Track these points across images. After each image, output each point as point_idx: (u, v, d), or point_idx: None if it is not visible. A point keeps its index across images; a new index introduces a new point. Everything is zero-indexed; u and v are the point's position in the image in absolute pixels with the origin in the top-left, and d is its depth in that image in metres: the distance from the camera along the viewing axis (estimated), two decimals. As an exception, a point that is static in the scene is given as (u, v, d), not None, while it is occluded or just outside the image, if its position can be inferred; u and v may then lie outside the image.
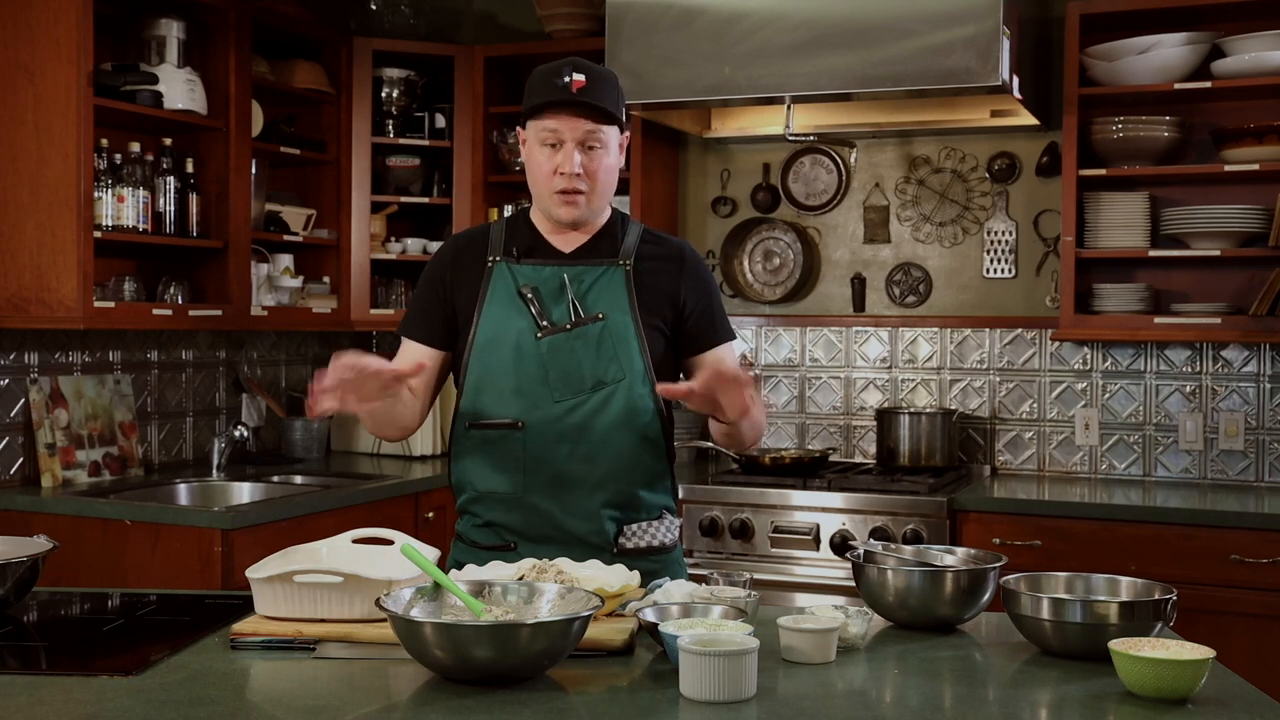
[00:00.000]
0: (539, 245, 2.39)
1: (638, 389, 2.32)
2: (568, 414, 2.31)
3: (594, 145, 2.30)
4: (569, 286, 2.34)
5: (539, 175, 2.33)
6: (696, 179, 4.64)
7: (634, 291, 2.35)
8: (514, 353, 2.32)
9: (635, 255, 2.39)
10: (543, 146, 2.31)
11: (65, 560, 3.00)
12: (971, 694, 1.76)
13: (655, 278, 2.38)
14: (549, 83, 2.29)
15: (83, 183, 3.43)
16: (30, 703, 1.66)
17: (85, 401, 3.80)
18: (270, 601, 1.99)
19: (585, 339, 2.31)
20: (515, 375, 2.32)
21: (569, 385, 2.31)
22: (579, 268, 2.36)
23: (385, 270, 4.64)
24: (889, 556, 2.21)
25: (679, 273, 2.40)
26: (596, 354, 2.31)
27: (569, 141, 2.29)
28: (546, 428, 2.31)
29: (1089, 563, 3.47)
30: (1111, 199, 3.96)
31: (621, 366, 2.32)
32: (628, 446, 2.32)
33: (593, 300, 2.34)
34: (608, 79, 2.32)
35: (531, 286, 2.34)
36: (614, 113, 2.31)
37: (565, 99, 2.26)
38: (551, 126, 2.29)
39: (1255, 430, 4.01)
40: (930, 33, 3.52)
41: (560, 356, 2.31)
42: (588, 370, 2.31)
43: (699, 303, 2.41)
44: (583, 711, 1.64)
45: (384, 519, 3.51)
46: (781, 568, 3.80)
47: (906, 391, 4.39)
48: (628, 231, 2.42)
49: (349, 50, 4.42)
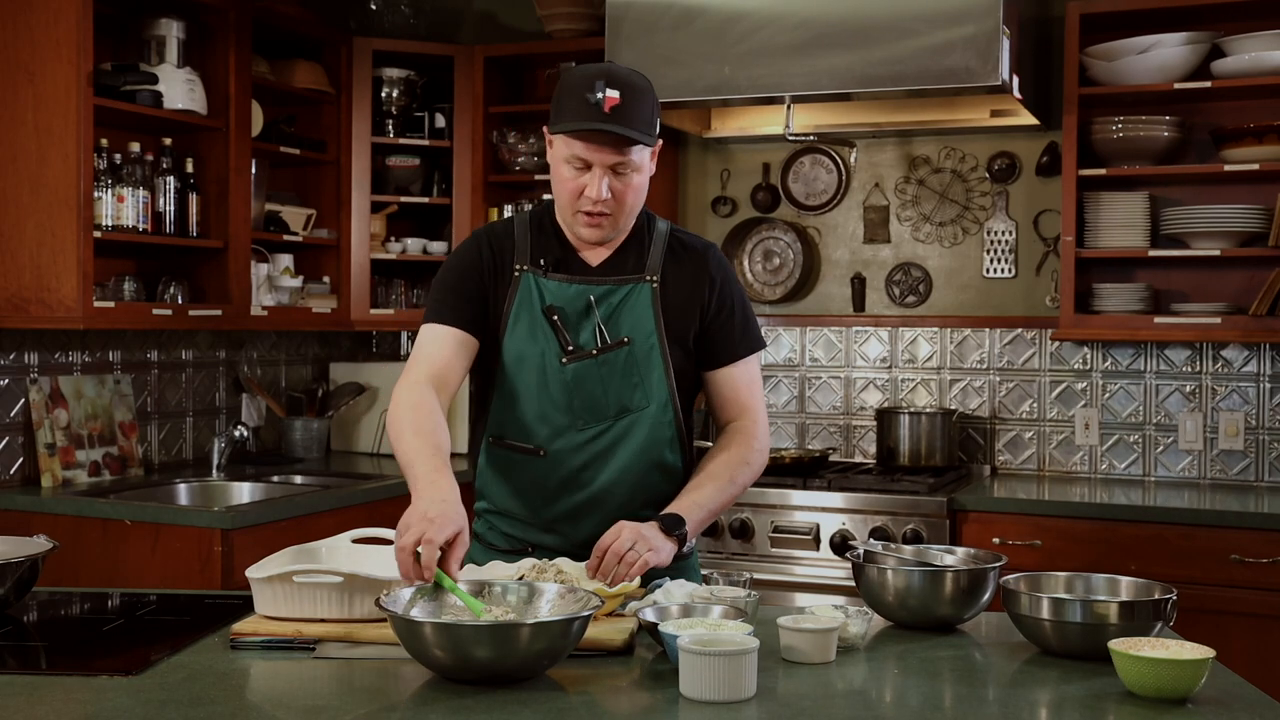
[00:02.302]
0: (567, 257, 2.31)
1: (662, 415, 2.28)
2: (590, 441, 2.27)
3: (624, 171, 2.19)
4: (595, 309, 2.27)
5: (563, 191, 2.23)
6: (696, 179, 4.64)
7: (660, 309, 2.29)
8: (539, 377, 2.27)
9: (663, 266, 2.31)
10: (569, 164, 2.20)
11: (65, 560, 3.00)
12: (971, 694, 1.76)
13: (683, 289, 2.31)
14: (580, 98, 2.14)
15: (83, 183, 3.42)
16: (30, 703, 1.66)
17: (85, 401, 3.80)
18: (270, 601, 1.99)
19: (611, 365, 2.26)
20: (539, 401, 2.27)
21: (593, 412, 2.27)
22: (605, 287, 2.28)
23: (385, 270, 4.64)
24: (889, 556, 2.21)
25: (704, 280, 2.32)
26: (622, 380, 2.27)
27: (598, 167, 2.17)
28: (568, 456, 2.27)
29: (1089, 563, 3.47)
30: (1111, 199, 3.96)
31: (646, 393, 2.27)
32: (649, 475, 2.28)
33: (619, 322, 2.27)
34: (642, 92, 2.18)
35: (558, 307, 2.27)
36: (648, 134, 2.18)
37: (597, 124, 2.13)
38: (579, 151, 2.17)
39: (1255, 430, 4.01)
40: (930, 33, 3.52)
41: (586, 384, 2.26)
42: (612, 397, 2.27)
43: (719, 310, 2.33)
44: (583, 711, 1.64)
45: (384, 519, 3.48)
46: (781, 568, 3.80)
47: (906, 391, 4.39)
48: (654, 238, 2.34)
49: (349, 50, 4.42)
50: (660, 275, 2.31)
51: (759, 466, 2.35)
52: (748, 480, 2.32)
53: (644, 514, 2.23)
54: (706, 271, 2.34)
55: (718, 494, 2.26)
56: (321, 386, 4.61)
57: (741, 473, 2.30)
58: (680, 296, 2.31)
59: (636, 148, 2.18)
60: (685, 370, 2.33)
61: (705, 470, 2.29)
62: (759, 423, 2.36)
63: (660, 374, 2.28)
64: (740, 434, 2.34)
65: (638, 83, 2.19)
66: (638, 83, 2.19)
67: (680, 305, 2.31)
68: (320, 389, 4.59)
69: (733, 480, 2.28)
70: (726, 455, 2.31)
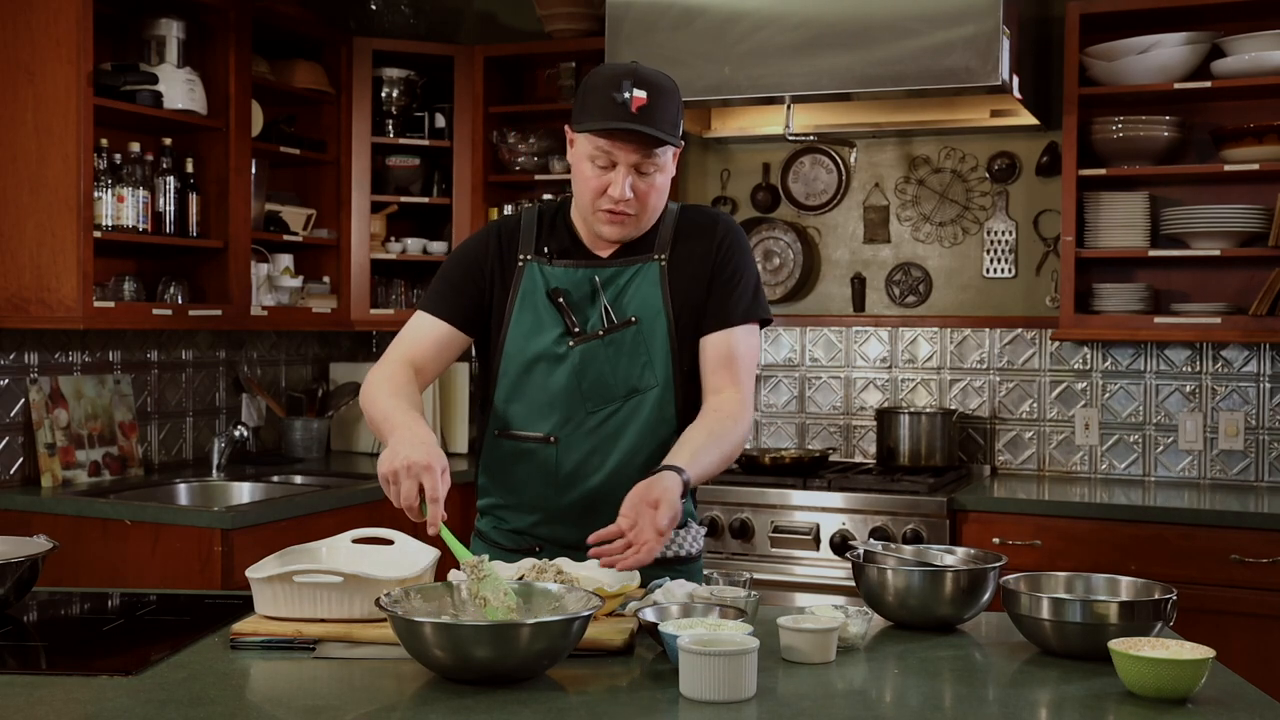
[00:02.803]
0: (574, 247, 2.31)
1: (668, 395, 2.26)
2: (601, 424, 2.26)
3: (648, 170, 2.19)
4: (602, 292, 2.26)
5: (585, 189, 2.21)
6: (696, 179, 4.64)
7: (668, 288, 2.27)
8: (545, 362, 2.26)
9: (672, 244, 2.29)
10: (593, 162, 2.19)
11: (65, 560, 3.00)
12: (971, 694, 1.76)
13: (692, 262, 2.29)
14: (607, 97, 2.14)
15: (83, 183, 3.43)
16: (30, 703, 1.66)
17: (85, 401, 3.80)
18: (270, 601, 1.98)
19: (618, 345, 2.25)
20: (547, 388, 2.26)
21: (602, 394, 2.26)
22: (612, 269, 2.28)
23: (385, 270, 4.64)
24: (889, 556, 2.21)
25: (710, 248, 2.29)
26: (629, 360, 2.25)
27: (622, 165, 2.17)
28: (579, 440, 2.26)
29: (1089, 563, 3.47)
30: (1111, 199, 3.96)
31: (655, 373, 2.26)
32: (656, 457, 2.23)
33: (626, 302, 2.26)
34: (668, 93, 2.18)
35: (563, 290, 2.27)
36: (674, 135, 2.18)
37: (625, 124, 2.12)
38: (605, 148, 2.16)
39: (1255, 430, 4.01)
40: (930, 33, 3.52)
41: (594, 365, 2.25)
42: (621, 378, 2.26)
43: (721, 272, 2.28)
44: (583, 711, 1.64)
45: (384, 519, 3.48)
46: (781, 568, 3.80)
47: (906, 391, 4.39)
48: (664, 219, 2.32)
49: (349, 50, 4.42)
50: (669, 253, 2.30)
51: (739, 443, 2.23)
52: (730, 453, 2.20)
53: None
54: (714, 239, 2.31)
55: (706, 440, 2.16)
56: (321, 386, 4.62)
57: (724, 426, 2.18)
58: (689, 271, 2.29)
59: (662, 148, 2.18)
60: (695, 348, 2.28)
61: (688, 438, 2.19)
62: (744, 401, 2.25)
63: (667, 352, 2.26)
64: (711, 411, 2.23)
65: (664, 84, 2.19)
66: (664, 84, 2.19)
67: (689, 280, 2.28)
68: (320, 389, 4.59)
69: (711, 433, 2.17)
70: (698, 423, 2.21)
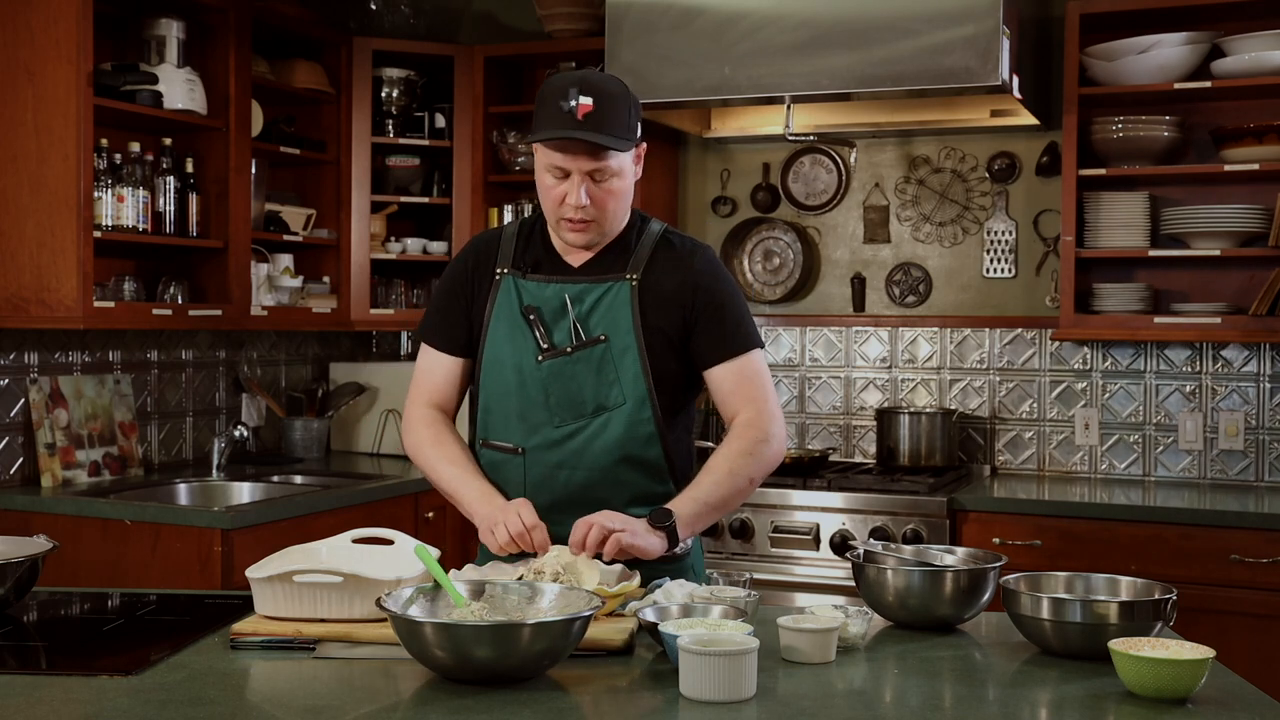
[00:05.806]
0: (548, 258, 2.34)
1: (638, 413, 2.27)
2: (567, 439, 2.28)
3: (601, 178, 2.21)
4: (571, 308, 2.29)
5: (546, 199, 2.25)
6: (696, 179, 4.64)
7: (639, 308, 2.28)
8: (516, 375, 2.30)
9: (646, 265, 2.31)
10: (550, 173, 2.22)
11: (65, 560, 3.00)
12: (971, 694, 1.76)
13: (664, 288, 2.30)
14: (554, 107, 2.16)
15: (82, 183, 3.42)
16: (30, 703, 1.66)
17: (85, 401, 3.80)
18: (270, 601, 1.99)
19: (586, 362, 2.27)
20: (518, 399, 2.30)
21: (569, 410, 2.28)
22: (581, 285, 2.30)
23: (385, 270, 4.64)
24: (889, 556, 2.21)
25: (688, 280, 2.31)
26: (597, 377, 2.27)
27: (575, 174, 2.20)
28: (545, 453, 2.29)
29: (1089, 563, 3.47)
30: (1111, 199, 3.96)
31: (623, 391, 2.27)
32: (626, 471, 2.28)
33: (596, 320, 2.28)
34: (617, 97, 2.20)
35: (534, 306, 2.30)
36: (624, 138, 2.21)
37: (569, 131, 2.15)
38: (557, 160, 2.20)
39: (1255, 430, 4.01)
40: (930, 33, 3.52)
41: (561, 380, 2.27)
42: (589, 394, 2.27)
43: (705, 311, 2.30)
44: (583, 711, 1.64)
45: (384, 519, 3.51)
46: (781, 568, 3.80)
47: (906, 391, 4.39)
48: (643, 238, 2.34)
49: (349, 50, 4.42)
50: (641, 274, 2.31)
51: (769, 457, 2.30)
52: (753, 470, 2.28)
53: (633, 512, 2.22)
54: (691, 271, 2.32)
55: (715, 487, 2.25)
56: (321, 386, 4.61)
57: (742, 464, 2.27)
58: (661, 295, 2.30)
59: (612, 154, 2.20)
60: (668, 368, 2.31)
61: (705, 466, 2.29)
62: (764, 413, 2.31)
63: (637, 371, 2.27)
64: (741, 427, 2.32)
65: (612, 89, 2.20)
66: (612, 89, 2.20)
67: (661, 304, 2.30)
68: (320, 389, 4.59)
69: (732, 472, 2.26)
70: (725, 449, 2.30)
